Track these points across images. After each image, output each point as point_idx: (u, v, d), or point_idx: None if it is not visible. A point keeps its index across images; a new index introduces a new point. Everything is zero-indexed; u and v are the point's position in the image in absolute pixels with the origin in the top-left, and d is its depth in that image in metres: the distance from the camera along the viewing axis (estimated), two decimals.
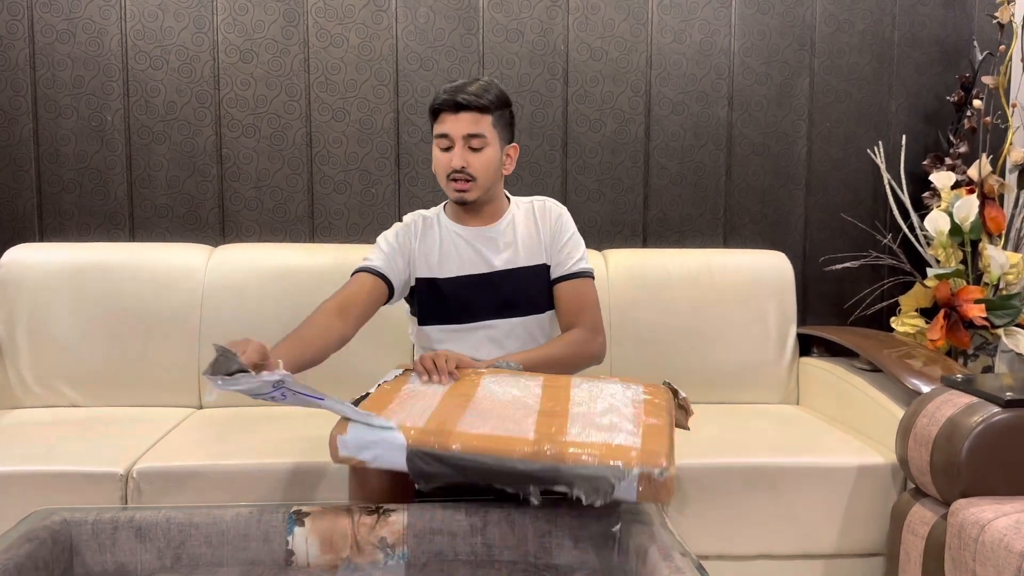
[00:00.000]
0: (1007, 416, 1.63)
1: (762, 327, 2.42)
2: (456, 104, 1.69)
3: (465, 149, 1.71)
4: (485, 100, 1.70)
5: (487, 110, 1.71)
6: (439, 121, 1.73)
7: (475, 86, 1.71)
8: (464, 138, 1.71)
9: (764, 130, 2.62)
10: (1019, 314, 2.24)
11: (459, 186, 1.74)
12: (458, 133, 1.71)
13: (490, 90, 1.72)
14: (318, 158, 2.52)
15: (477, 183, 1.74)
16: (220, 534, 1.32)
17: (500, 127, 1.75)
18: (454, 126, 1.71)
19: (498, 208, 1.84)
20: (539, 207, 1.87)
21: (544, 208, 1.87)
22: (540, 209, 1.86)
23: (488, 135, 1.72)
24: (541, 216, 1.85)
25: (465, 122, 1.70)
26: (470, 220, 1.83)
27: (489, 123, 1.72)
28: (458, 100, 1.69)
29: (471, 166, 1.72)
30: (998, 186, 2.39)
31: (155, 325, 2.27)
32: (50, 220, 2.48)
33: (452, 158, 1.72)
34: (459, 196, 1.75)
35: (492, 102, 1.72)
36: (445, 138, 1.72)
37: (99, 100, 2.46)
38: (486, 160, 1.73)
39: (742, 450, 1.96)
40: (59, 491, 1.76)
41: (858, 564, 1.95)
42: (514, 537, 1.33)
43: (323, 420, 2.16)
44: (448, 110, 1.71)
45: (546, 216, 1.85)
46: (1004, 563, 1.44)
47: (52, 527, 1.27)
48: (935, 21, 2.62)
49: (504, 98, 1.76)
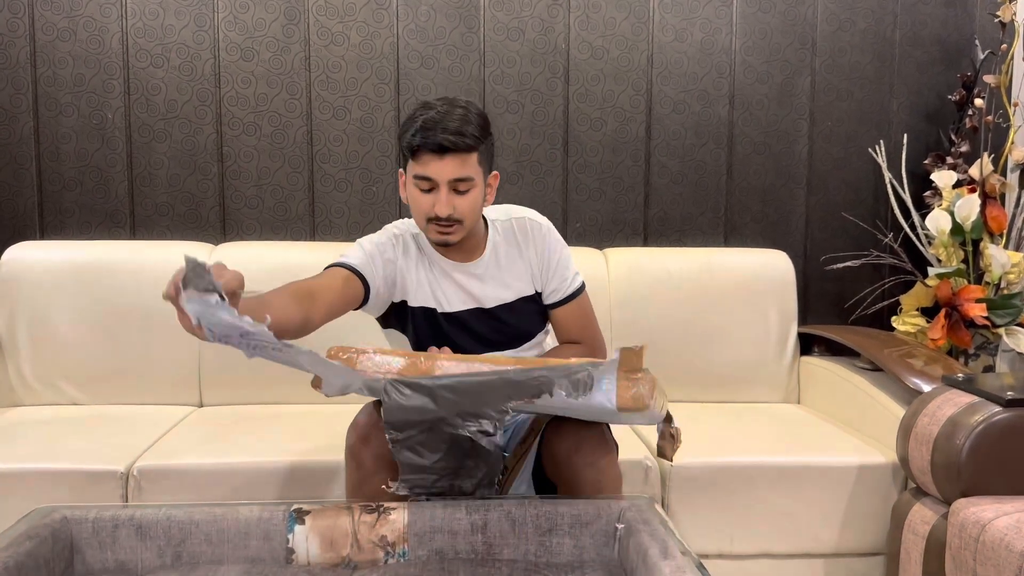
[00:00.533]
0: (1008, 415, 1.63)
1: (763, 326, 2.42)
2: (441, 147, 1.50)
3: (450, 193, 1.54)
4: (470, 139, 1.52)
5: (473, 149, 1.53)
6: (420, 161, 1.53)
7: (457, 121, 1.51)
8: (449, 183, 1.53)
9: (765, 129, 2.62)
10: (1020, 313, 2.24)
11: (443, 230, 1.57)
12: (444, 178, 1.52)
13: (472, 122, 1.53)
14: (319, 156, 2.52)
15: (463, 225, 1.57)
16: (220, 532, 1.32)
17: (485, 161, 1.59)
18: (439, 171, 1.52)
19: (478, 241, 1.68)
20: (519, 227, 1.70)
21: (525, 230, 1.70)
22: (520, 230, 1.70)
23: (475, 175, 1.55)
24: (523, 240, 1.70)
25: (451, 166, 1.52)
26: (452, 254, 1.67)
27: (475, 161, 1.55)
28: (443, 143, 1.50)
29: (457, 210, 1.54)
30: (999, 185, 2.39)
31: (156, 323, 2.27)
32: (51, 218, 2.48)
33: (436, 203, 1.53)
34: (442, 239, 1.59)
35: (477, 138, 1.53)
36: (427, 180, 1.54)
37: (100, 98, 2.46)
38: (472, 201, 1.56)
39: (743, 449, 1.96)
40: (60, 489, 1.76)
41: (858, 563, 1.95)
42: (514, 535, 1.33)
43: (324, 420, 2.16)
44: (432, 152, 1.51)
45: (528, 240, 1.70)
46: (1005, 562, 1.44)
47: (53, 525, 1.27)
48: (936, 20, 2.62)
49: (485, 126, 1.58)
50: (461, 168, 1.53)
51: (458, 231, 1.58)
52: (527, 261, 1.70)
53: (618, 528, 1.32)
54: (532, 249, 1.70)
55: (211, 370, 2.29)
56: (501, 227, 1.71)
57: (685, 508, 1.88)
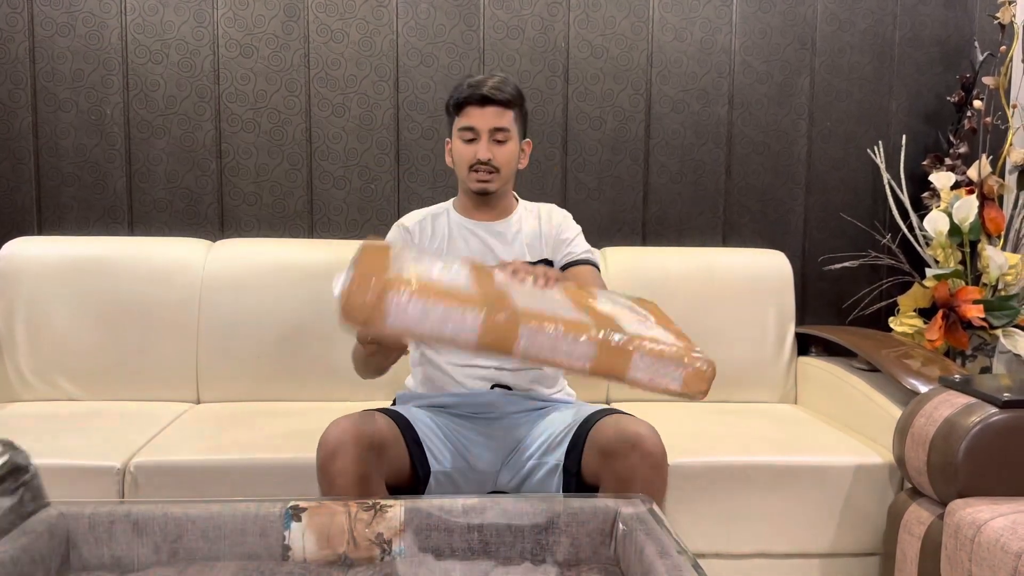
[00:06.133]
0: (1004, 417, 1.63)
1: (761, 326, 2.42)
2: (483, 97, 1.73)
3: (490, 142, 1.75)
4: (508, 95, 1.75)
5: (510, 104, 1.76)
6: (463, 114, 1.76)
7: (497, 80, 1.76)
8: (490, 131, 1.75)
9: (764, 129, 2.62)
10: (1017, 315, 2.25)
11: (482, 177, 1.77)
12: (484, 126, 1.74)
13: (510, 84, 1.78)
14: (318, 153, 2.52)
15: (500, 174, 1.78)
16: (217, 529, 1.32)
17: (520, 122, 1.80)
18: (480, 119, 1.74)
19: (508, 205, 1.88)
20: (545, 209, 1.92)
21: (550, 210, 1.92)
22: (546, 211, 1.91)
23: (511, 129, 1.77)
24: (547, 217, 1.89)
25: (491, 115, 1.74)
26: (480, 215, 1.85)
27: (512, 117, 1.77)
28: (484, 93, 1.73)
29: (496, 158, 1.76)
30: (997, 187, 2.39)
31: (153, 319, 2.27)
32: (49, 213, 2.48)
33: (478, 150, 1.75)
34: (482, 187, 1.78)
35: (514, 97, 1.77)
36: (470, 131, 1.76)
37: (99, 94, 2.45)
38: (509, 153, 1.78)
39: (740, 449, 1.97)
40: (56, 485, 1.74)
41: (854, 563, 1.96)
42: (511, 534, 1.33)
43: (321, 417, 2.17)
44: (474, 103, 1.74)
45: (551, 217, 1.90)
46: (1000, 563, 1.45)
47: (49, 520, 1.27)
48: (936, 21, 2.62)
49: (522, 94, 1.81)
50: (500, 118, 1.75)
51: (496, 179, 1.78)
52: (544, 233, 1.87)
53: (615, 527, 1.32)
54: (552, 224, 1.88)
55: (209, 367, 2.29)
56: (530, 207, 1.92)
57: (682, 507, 1.88)
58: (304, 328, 2.28)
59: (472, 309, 1.15)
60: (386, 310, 1.12)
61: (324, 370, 2.29)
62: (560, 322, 1.19)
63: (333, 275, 1.20)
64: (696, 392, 1.24)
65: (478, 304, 1.16)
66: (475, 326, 1.14)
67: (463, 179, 1.81)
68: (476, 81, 1.76)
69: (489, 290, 1.25)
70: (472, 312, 1.15)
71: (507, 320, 1.16)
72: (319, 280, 2.31)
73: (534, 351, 1.17)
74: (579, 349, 1.18)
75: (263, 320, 2.28)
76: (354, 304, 1.12)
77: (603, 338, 1.20)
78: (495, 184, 1.79)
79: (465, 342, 1.14)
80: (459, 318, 1.14)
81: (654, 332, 1.30)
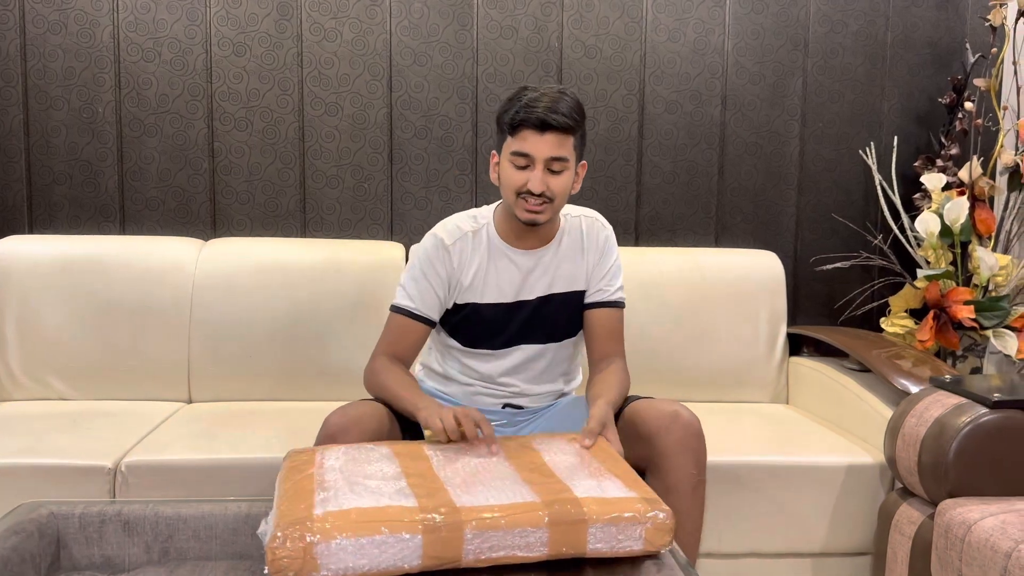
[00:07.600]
0: (994, 417, 1.64)
1: (753, 326, 2.43)
2: (542, 123, 1.56)
3: (545, 172, 1.60)
4: (571, 120, 1.58)
5: (572, 131, 1.60)
6: (518, 137, 1.59)
7: (563, 104, 1.58)
8: (546, 160, 1.59)
9: (757, 130, 2.62)
10: (1008, 316, 2.26)
11: (532, 207, 1.62)
12: (541, 156, 1.59)
13: (573, 106, 1.60)
14: (310, 152, 2.52)
15: (552, 205, 1.64)
16: (208, 528, 1.32)
17: (578, 147, 1.66)
18: (537, 147, 1.58)
19: (552, 229, 1.75)
20: (587, 226, 1.78)
21: (592, 228, 1.78)
22: (589, 228, 1.78)
23: (569, 157, 1.62)
24: (588, 236, 1.77)
25: (550, 144, 1.58)
26: (521, 242, 1.73)
27: (571, 145, 1.62)
28: (544, 118, 1.56)
29: (550, 189, 1.61)
30: (988, 188, 2.40)
31: (145, 318, 2.26)
32: (40, 212, 2.47)
33: (530, 180, 1.59)
34: (531, 218, 1.64)
35: (576, 122, 1.60)
36: (524, 156, 1.60)
37: (90, 92, 2.44)
38: (564, 183, 1.63)
39: (731, 449, 1.97)
40: (47, 484, 1.75)
41: (846, 563, 1.96)
42: None
43: (312, 417, 2.16)
44: (532, 127, 1.57)
45: (593, 238, 1.77)
46: (990, 563, 1.45)
47: (39, 520, 1.27)
48: (928, 23, 2.63)
49: (583, 113, 1.64)
50: (559, 147, 1.59)
51: (547, 211, 1.64)
52: (587, 260, 1.77)
53: None
54: (593, 249, 1.77)
55: (200, 366, 2.28)
56: (570, 222, 1.78)
57: None
58: (296, 328, 2.27)
59: (409, 527, 1.11)
60: (318, 558, 1.07)
61: (316, 369, 2.29)
62: (505, 512, 1.16)
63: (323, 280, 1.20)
64: (660, 546, 1.19)
65: (416, 519, 1.12)
66: (416, 549, 1.11)
67: (510, 203, 1.66)
68: (536, 101, 1.57)
69: (423, 492, 1.21)
70: (409, 533, 1.11)
71: (449, 531, 1.12)
72: (312, 280, 2.31)
73: (485, 552, 1.14)
74: (530, 538, 1.15)
75: (255, 319, 2.28)
76: (280, 558, 1.06)
77: (553, 519, 1.16)
78: (545, 216, 1.64)
79: (410, 567, 1.11)
80: (396, 544, 1.10)
81: (605, 483, 1.27)
